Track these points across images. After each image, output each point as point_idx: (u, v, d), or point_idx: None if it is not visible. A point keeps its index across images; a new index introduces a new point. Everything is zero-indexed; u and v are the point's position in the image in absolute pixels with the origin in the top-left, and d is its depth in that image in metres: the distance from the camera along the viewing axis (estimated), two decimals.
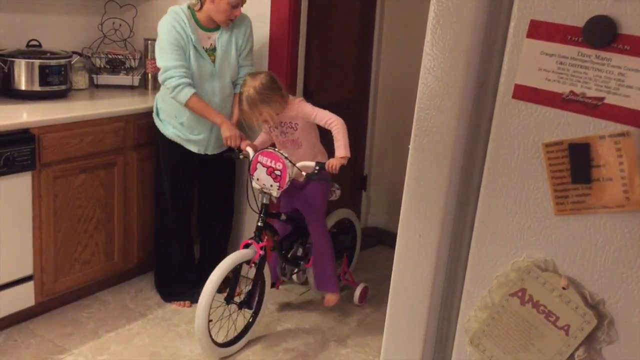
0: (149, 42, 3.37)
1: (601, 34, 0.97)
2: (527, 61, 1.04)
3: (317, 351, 2.80)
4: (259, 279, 2.70)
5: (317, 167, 2.56)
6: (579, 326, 1.05)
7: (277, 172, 2.56)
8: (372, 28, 3.88)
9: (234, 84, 2.91)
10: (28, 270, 2.68)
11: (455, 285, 1.20)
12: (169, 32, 2.67)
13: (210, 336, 2.57)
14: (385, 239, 3.97)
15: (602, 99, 0.99)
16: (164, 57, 2.68)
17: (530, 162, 1.06)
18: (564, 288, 1.06)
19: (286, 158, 2.56)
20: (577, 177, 1.03)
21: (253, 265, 2.68)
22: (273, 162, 2.57)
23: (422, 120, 1.14)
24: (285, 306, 3.18)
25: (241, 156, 2.74)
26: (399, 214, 1.22)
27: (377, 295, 3.31)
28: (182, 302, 3.05)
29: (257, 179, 2.63)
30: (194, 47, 2.71)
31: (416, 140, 1.16)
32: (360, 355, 2.79)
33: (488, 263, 1.13)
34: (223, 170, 3.10)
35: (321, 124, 2.67)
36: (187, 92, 2.67)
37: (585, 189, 1.02)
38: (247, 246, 2.65)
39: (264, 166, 2.59)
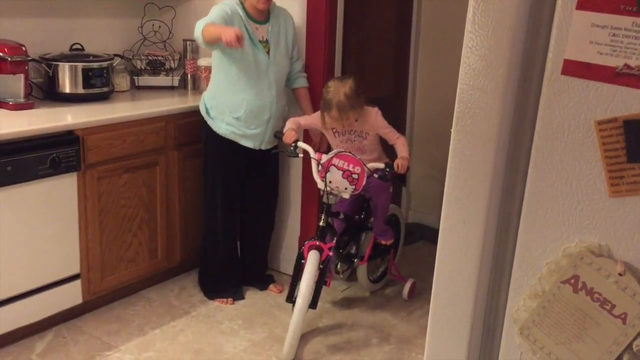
0: (188, 42, 3.41)
1: None
2: (577, 34, 0.98)
3: (360, 347, 2.76)
4: (323, 279, 2.72)
5: (387, 169, 2.62)
6: (636, 314, 0.99)
7: (355, 176, 2.60)
8: (410, 21, 3.82)
9: (289, 78, 2.96)
10: (75, 269, 2.74)
11: (502, 274, 1.15)
12: (219, 12, 2.67)
13: None
14: (426, 234, 3.91)
15: None
16: (208, 17, 2.66)
17: (581, 141, 1.01)
18: (620, 274, 1.00)
19: (360, 160, 2.61)
20: (633, 155, 0.97)
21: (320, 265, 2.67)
22: (351, 165, 2.60)
23: (465, 102, 1.10)
24: (329, 303, 3.16)
25: (300, 154, 2.70)
26: (440, 209, 1.19)
27: (420, 292, 3.25)
28: (224, 300, 3.07)
29: (330, 181, 2.63)
30: (250, 38, 2.75)
31: (459, 122, 1.11)
32: (404, 352, 2.75)
33: (537, 249, 1.08)
34: (269, 166, 3.09)
35: (388, 139, 2.76)
36: (203, 24, 2.60)
37: None
38: (311, 247, 2.65)
39: (339, 169, 2.61)
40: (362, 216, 3.05)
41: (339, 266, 3.04)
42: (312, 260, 2.59)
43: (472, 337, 1.19)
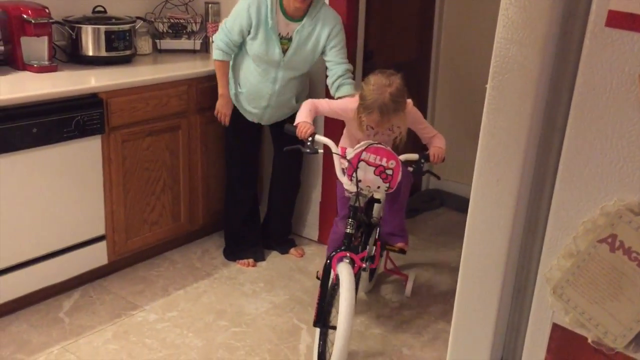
0: (210, 5, 3.37)
1: None
2: None
3: (378, 313, 2.78)
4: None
5: (423, 160, 2.27)
6: None
7: (389, 172, 2.18)
8: None
9: (330, 84, 2.73)
10: (100, 231, 2.77)
11: (535, 233, 1.14)
12: (244, 6, 2.68)
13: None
14: (447, 201, 3.89)
15: None
16: (227, 22, 2.75)
17: (624, 96, 0.97)
18: None
19: (394, 153, 2.23)
20: None
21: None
22: (384, 160, 2.18)
23: (502, 57, 1.07)
24: None
25: (320, 150, 2.30)
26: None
27: (438, 259, 3.25)
28: (245, 261, 3.10)
29: (361, 180, 2.21)
30: (267, 31, 2.69)
31: (495, 78, 1.09)
32: (423, 316, 2.76)
33: (573, 208, 1.06)
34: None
35: (424, 134, 2.41)
36: (217, 55, 2.78)
37: None
38: (340, 259, 2.24)
39: (370, 165, 2.20)
40: (369, 212, 2.61)
41: None
42: (348, 279, 2.13)
43: (502, 296, 1.18)
